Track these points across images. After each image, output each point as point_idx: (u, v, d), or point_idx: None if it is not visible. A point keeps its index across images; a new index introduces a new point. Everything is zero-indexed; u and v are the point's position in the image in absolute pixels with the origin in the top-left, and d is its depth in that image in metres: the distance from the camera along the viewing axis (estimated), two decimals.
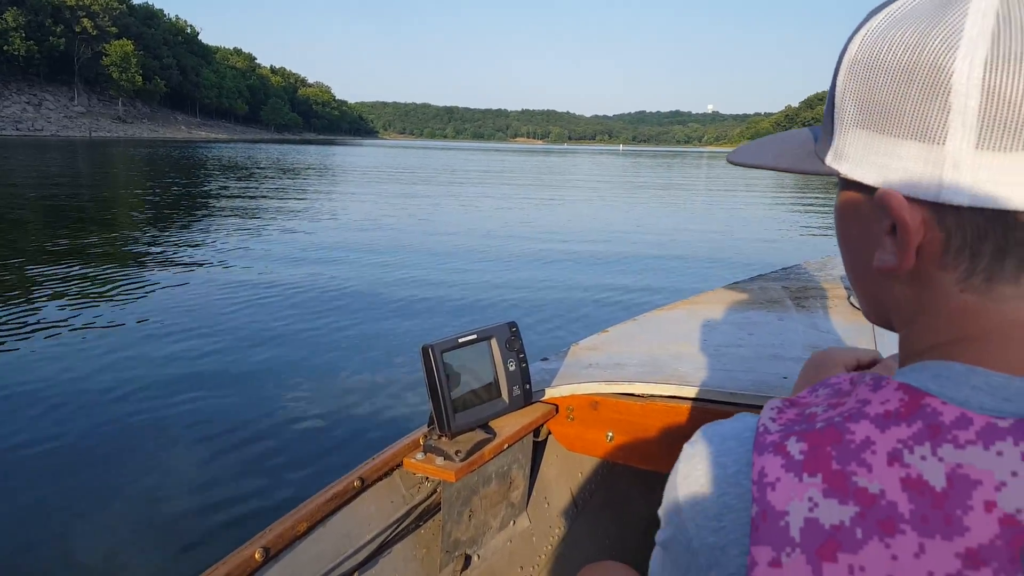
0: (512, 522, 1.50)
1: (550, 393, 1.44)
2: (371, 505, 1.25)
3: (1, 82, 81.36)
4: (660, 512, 0.50)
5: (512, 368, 1.33)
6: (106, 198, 14.60)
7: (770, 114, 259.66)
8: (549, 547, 1.57)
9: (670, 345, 1.65)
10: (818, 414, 0.44)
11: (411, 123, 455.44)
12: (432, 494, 1.34)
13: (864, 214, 0.46)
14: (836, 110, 0.47)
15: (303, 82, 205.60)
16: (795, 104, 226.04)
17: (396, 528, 1.26)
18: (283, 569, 1.07)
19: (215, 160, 33.12)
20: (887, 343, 1.52)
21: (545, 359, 1.61)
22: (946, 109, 0.40)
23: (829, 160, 0.48)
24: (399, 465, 1.28)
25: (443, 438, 1.27)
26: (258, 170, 25.46)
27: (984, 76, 0.38)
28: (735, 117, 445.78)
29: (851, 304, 1.99)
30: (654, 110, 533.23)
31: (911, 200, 0.42)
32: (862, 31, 0.45)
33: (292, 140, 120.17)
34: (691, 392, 1.35)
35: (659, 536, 0.50)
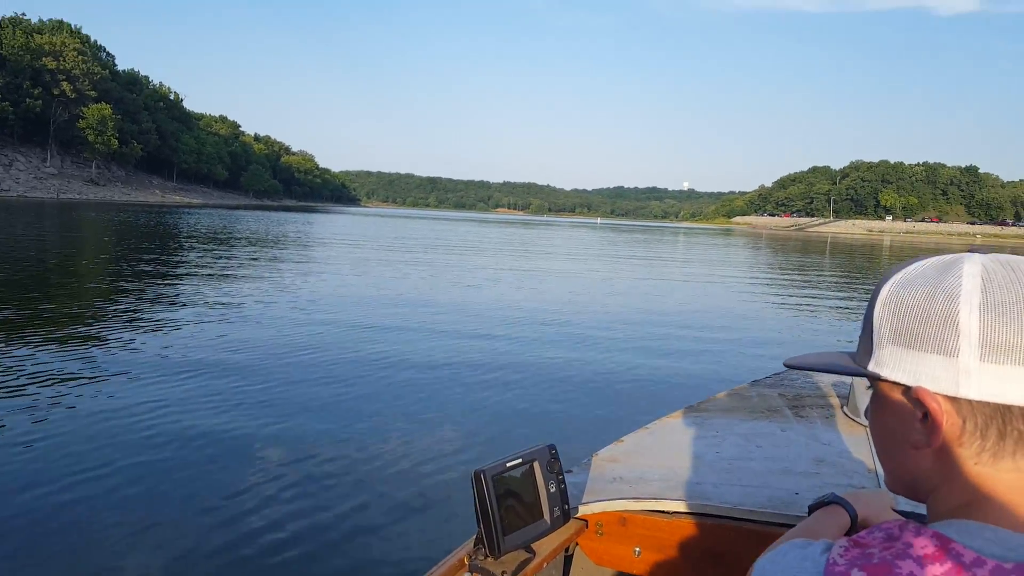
0: None
1: (582, 510, 1.51)
2: None
3: None
4: None
5: (553, 490, 1.39)
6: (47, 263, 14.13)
7: (744, 192, 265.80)
8: None
9: (686, 458, 1.76)
10: (875, 553, 0.59)
11: (394, 192, 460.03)
12: None
13: (899, 407, 0.65)
14: (874, 332, 0.66)
15: (287, 150, 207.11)
16: (768, 184, 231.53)
17: None
18: None
19: (171, 226, 32.17)
20: None
21: (569, 471, 1.64)
22: (957, 335, 0.59)
23: (871, 367, 0.67)
24: None
25: (488, 558, 1.31)
26: (209, 241, 24.30)
27: (980, 315, 0.58)
28: (710, 195, 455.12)
29: (845, 414, 2.11)
30: (632, 185, 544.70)
31: (936, 395, 0.61)
32: (890, 282, 0.66)
33: (270, 206, 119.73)
34: (713, 510, 1.45)
35: None
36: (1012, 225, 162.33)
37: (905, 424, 0.64)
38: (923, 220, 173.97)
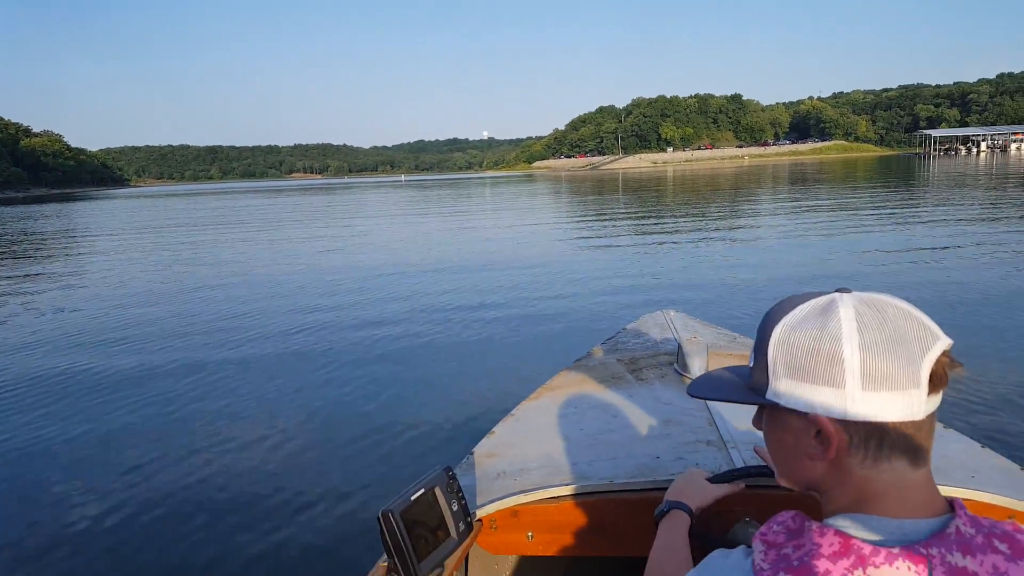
0: None
1: (477, 513, 1.59)
2: None
3: None
4: None
5: (455, 508, 1.46)
6: None
7: (541, 137, 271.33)
8: None
9: (556, 440, 1.89)
10: (791, 555, 0.72)
11: (169, 167, 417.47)
12: None
13: (795, 427, 0.79)
14: (769, 367, 0.80)
15: (27, 132, 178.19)
16: (562, 127, 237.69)
17: None
18: None
19: None
20: (716, 406, 1.95)
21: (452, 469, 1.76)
22: (843, 371, 0.73)
23: (770, 397, 0.80)
24: None
25: None
26: None
27: (860, 354, 0.72)
28: (509, 142, 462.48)
29: (677, 372, 2.32)
30: (433, 138, 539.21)
31: (828, 418, 0.75)
32: (779, 324, 0.79)
33: (14, 200, 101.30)
34: (592, 487, 1.59)
35: None
36: (772, 145, 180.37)
37: (800, 441, 0.78)
38: (699, 148, 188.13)
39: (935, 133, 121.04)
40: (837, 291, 0.78)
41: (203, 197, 74.16)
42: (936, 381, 0.72)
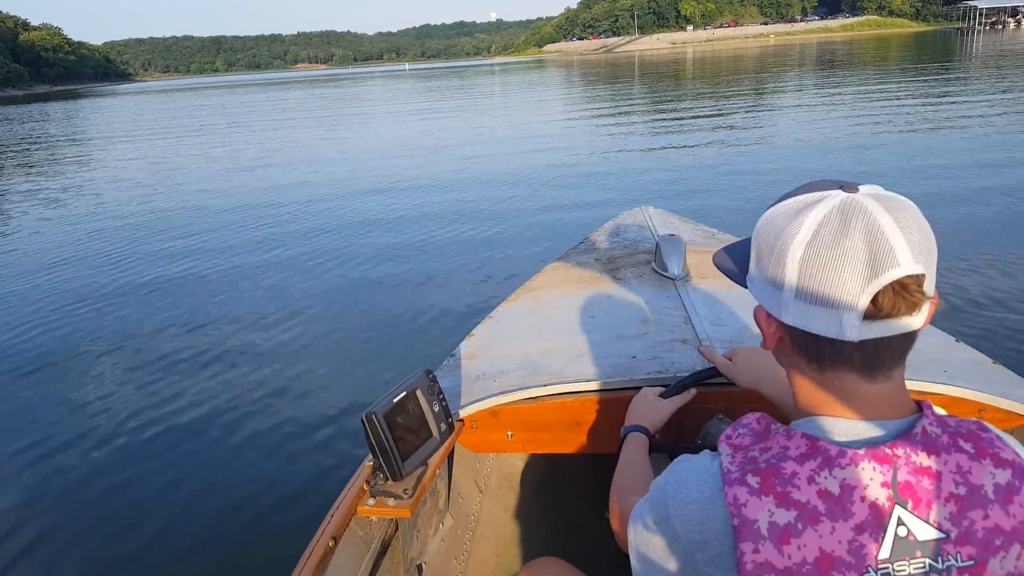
0: (441, 524, 1.71)
1: (459, 415, 1.64)
2: (344, 558, 1.37)
3: None
4: (648, 502, 0.83)
5: (436, 409, 1.51)
6: None
7: (551, 18, 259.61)
8: (470, 532, 1.84)
9: (535, 342, 1.91)
10: (758, 457, 0.74)
11: (174, 59, 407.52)
12: (386, 530, 1.51)
13: (759, 317, 0.82)
14: (751, 251, 0.82)
15: (24, 25, 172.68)
16: (573, 6, 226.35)
17: (369, 571, 1.41)
18: None
19: None
20: (693, 303, 1.97)
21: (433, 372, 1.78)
22: (783, 274, 0.74)
23: (747, 280, 0.85)
24: (352, 514, 1.42)
25: (388, 481, 1.42)
26: None
27: (799, 266, 0.73)
28: (519, 24, 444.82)
29: (654, 271, 2.29)
30: (439, 22, 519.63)
31: (771, 315, 0.79)
32: (765, 213, 0.80)
33: (16, 98, 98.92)
34: (570, 387, 1.63)
35: (646, 516, 0.83)
36: (800, 21, 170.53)
37: (761, 330, 0.82)
38: (721, 26, 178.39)
39: (979, 3, 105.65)
40: (842, 187, 0.75)
41: (208, 92, 71.27)
42: (882, 307, 0.70)
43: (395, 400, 1.41)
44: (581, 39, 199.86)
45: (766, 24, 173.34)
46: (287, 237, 7.52)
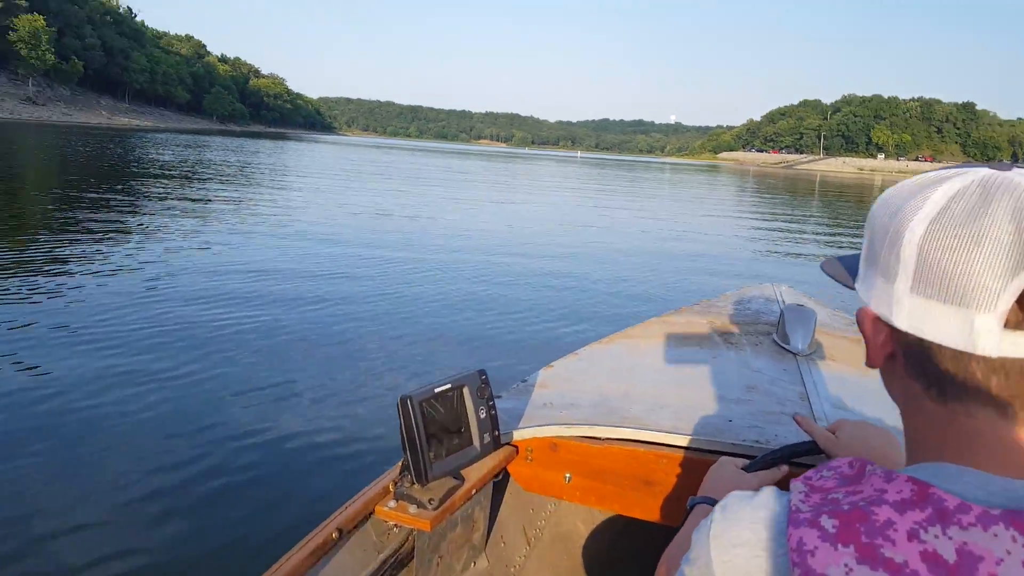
0: (473, 563, 1.54)
1: (513, 436, 1.48)
2: (348, 556, 1.24)
3: None
4: (687, 563, 0.63)
5: (483, 415, 1.36)
6: None
7: (732, 127, 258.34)
8: None
9: (617, 384, 1.72)
10: (840, 499, 0.55)
11: (375, 120, 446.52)
12: (404, 542, 1.35)
13: (864, 327, 0.61)
14: (863, 245, 0.63)
15: (256, 73, 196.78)
16: (757, 118, 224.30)
17: None
18: None
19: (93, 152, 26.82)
20: (814, 381, 1.71)
21: (499, 396, 1.62)
22: (898, 260, 0.56)
23: (856, 282, 0.64)
24: (371, 513, 1.29)
25: (415, 486, 1.28)
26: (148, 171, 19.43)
27: (920, 245, 0.54)
28: (697, 129, 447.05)
29: (775, 342, 2.05)
30: (618, 118, 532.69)
31: (880, 319, 0.59)
32: (880, 198, 0.62)
33: (234, 132, 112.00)
34: (646, 436, 1.42)
35: (683, 568, 0.64)
36: (1011, 167, 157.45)
37: (866, 341, 0.62)
38: (917, 159, 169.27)
39: None
40: (991, 165, 0.57)
41: (399, 152, 77.63)
42: None
43: (436, 390, 1.29)
44: (760, 151, 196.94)
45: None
46: (454, 277, 8.02)
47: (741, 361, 1.88)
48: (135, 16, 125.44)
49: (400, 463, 1.31)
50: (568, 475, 1.46)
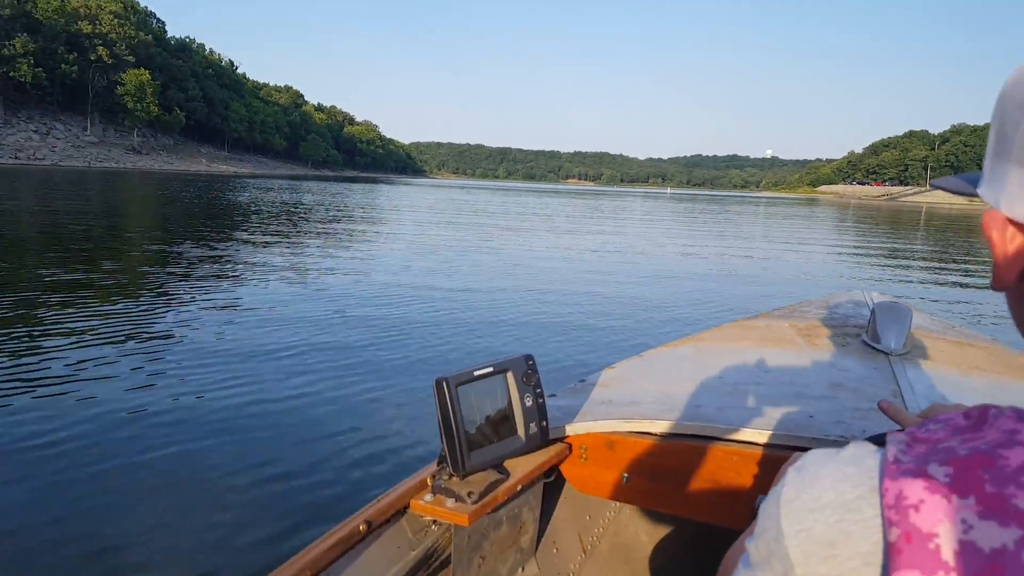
0: (521, 568, 1.43)
1: (565, 432, 1.37)
2: (377, 552, 1.15)
3: (10, 110, 78.33)
4: (751, 541, 0.50)
5: (529, 404, 1.26)
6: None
7: (831, 160, 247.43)
8: None
9: (684, 383, 1.57)
10: (955, 446, 0.43)
11: (464, 163, 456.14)
12: (441, 539, 1.26)
13: (990, 235, 0.49)
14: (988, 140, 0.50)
15: (350, 120, 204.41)
16: (858, 150, 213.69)
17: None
18: None
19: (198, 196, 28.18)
20: (909, 380, 1.54)
21: (553, 395, 1.54)
22: None
23: (980, 186, 0.51)
24: (406, 507, 1.20)
25: (454, 478, 1.19)
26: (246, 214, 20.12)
27: None
28: (795, 162, 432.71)
29: (865, 342, 1.89)
30: (710, 154, 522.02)
31: (1015, 223, 0.46)
32: (1012, 74, 0.48)
33: (327, 177, 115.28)
34: (715, 431, 1.27)
35: (747, 546, 0.50)
36: None
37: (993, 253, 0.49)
38: None
39: None
40: None
41: (487, 192, 78.27)
42: None
43: (476, 373, 1.19)
44: (862, 183, 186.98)
45: None
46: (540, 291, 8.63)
47: (827, 361, 1.71)
48: (236, 68, 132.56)
49: (440, 454, 1.20)
50: (626, 475, 1.33)
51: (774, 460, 1.18)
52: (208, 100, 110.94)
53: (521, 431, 1.23)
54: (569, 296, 8.48)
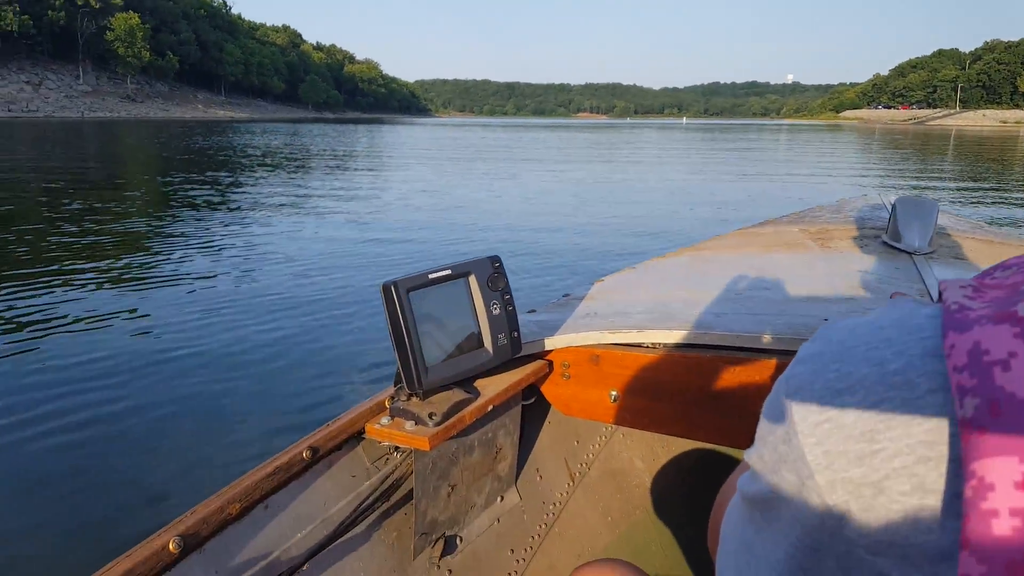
0: (500, 498, 1.31)
1: (546, 346, 1.23)
2: (326, 481, 1.04)
3: (0, 62, 75.20)
4: (751, 452, 0.38)
5: (496, 312, 1.10)
6: None
7: (855, 84, 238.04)
8: (543, 526, 1.38)
9: (680, 291, 1.41)
10: None
11: (470, 100, 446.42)
12: (402, 465, 1.15)
13: None
14: None
15: (351, 59, 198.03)
16: (884, 72, 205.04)
17: (358, 508, 1.05)
18: (209, 561, 0.86)
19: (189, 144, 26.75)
20: (934, 282, 1.39)
21: (532, 311, 1.40)
22: None
23: None
24: (361, 433, 1.07)
25: (413, 399, 1.05)
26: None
27: None
28: (817, 87, 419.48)
29: (885, 243, 1.75)
30: (728, 81, 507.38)
31: None
32: None
33: (327, 119, 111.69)
34: (715, 339, 1.11)
35: (748, 489, 0.38)
36: None
37: None
38: None
39: None
40: None
41: (492, 129, 74.98)
42: None
43: (432, 276, 1.03)
44: (888, 107, 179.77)
45: None
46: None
47: (843, 263, 1.56)
48: (229, 9, 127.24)
49: (396, 373, 1.07)
50: (614, 392, 1.19)
51: (785, 367, 0.98)
52: (201, 43, 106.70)
53: (488, 343, 1.09)
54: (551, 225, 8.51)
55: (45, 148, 23.51)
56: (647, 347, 1.16)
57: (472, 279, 1.07)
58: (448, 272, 1.04)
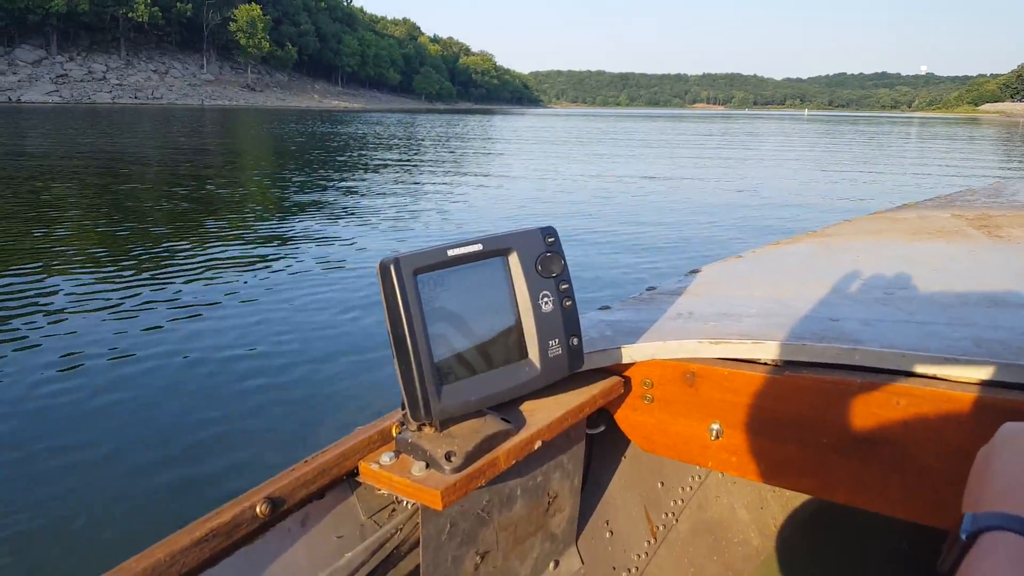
0: (554, 564, 0.99)
1: (615, 357, 0.92)
2: (297, 548, 0.74)
3: (131, 51, 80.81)
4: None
5: (548, 307, 0.79)
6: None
7: (997, 75, 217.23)
8: None
9: (804, 288, 1.11)
10: None
11: (583, 91, 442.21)
12: (410, 523, 0.85)
13: None
14: None
15: (466, 51, 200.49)
16: None
17: None
18: None
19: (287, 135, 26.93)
20: None
21: (606, 307, 1.13)
22: None
23: None
24: (355, 473, 0.77)
25: (426, 428, 0.75)
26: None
27: None
28: (953, 79, 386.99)
29: None
30: (856, 72, 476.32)
31: None
32: None
33: (439, 110, 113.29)
34: (867, 359, 0.82)
35: None
36: None
37: None
38: None
39: None
40: None
41: (602, 119, 73.92)
42: None
43: (451, 253, 0.72)
44: None
45: None
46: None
47: (1017, 253, 1.29)
48: (349, 2, 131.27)
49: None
50: (716, 426, 0.89)
51: (975, 410, 0.73)
52: (320, 34, 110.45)
53: (535, 353, 0.77)
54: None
55: (197, 127, 25.81)
56: (764, 364, 0.86)
57: (513, 259, 0.76)
58: (477, 248, 0.73)
